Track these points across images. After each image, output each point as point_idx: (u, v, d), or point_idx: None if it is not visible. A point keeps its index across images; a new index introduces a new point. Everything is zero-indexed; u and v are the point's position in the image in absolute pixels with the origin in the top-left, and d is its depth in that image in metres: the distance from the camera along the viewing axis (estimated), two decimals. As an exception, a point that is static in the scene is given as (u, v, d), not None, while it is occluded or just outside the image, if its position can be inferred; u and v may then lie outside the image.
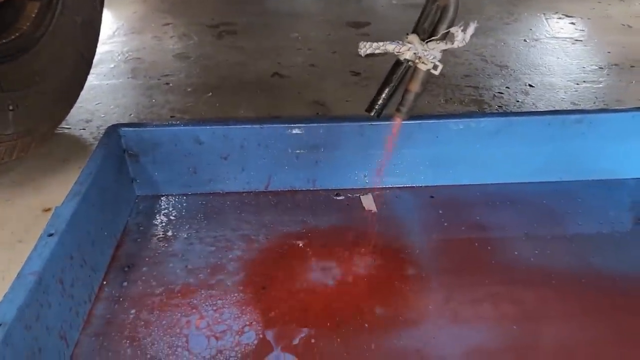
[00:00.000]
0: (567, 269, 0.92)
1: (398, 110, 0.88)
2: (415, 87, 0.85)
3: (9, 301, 0.67)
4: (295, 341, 0.79)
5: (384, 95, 0.88)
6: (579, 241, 0.98)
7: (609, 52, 1.95)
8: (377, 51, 0.83)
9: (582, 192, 1.10)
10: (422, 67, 0.84)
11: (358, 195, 1.09)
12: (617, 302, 0.86)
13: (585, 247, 0.96)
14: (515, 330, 0.81)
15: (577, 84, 1.72)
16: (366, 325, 0.81)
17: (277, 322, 0.82)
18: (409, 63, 0.85)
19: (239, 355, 0.77)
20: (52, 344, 0.72)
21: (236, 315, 0.83)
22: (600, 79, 1.75)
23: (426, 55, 0.82)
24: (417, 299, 0.86)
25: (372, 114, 0.89)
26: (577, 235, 1.00)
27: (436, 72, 0.83)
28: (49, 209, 1.13)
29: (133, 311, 0.84)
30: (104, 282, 0.89)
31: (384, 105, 0.88)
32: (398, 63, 0.86)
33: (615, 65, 1.85)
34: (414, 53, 0.82)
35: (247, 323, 0.81)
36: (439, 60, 0.82)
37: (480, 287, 0.88)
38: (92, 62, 1.48)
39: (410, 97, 0.86)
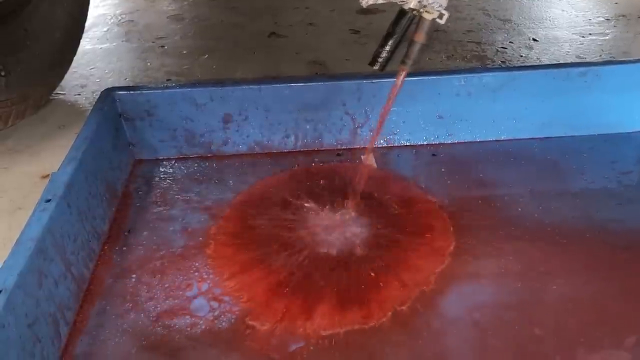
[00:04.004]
0: (572, 225, 0.91)
1: (403, 62, 0.84)
2: (420, 37, 0.81)
3: (9, 267, 0.67)
4: (295, 306, 0.78)
5: (387, 47, 0.83)
6: (583, 196, 0.97)
7: (616, 3, 1.90)
8: (380, 1, 0.79)
9: (587, 146, 1.08)
10: (427, 17, 0.80)
11: (360, 154, 1.07)
12: (622, 257, 0.85)
13: (590, 203, 0.95)
14: (519, 287, 0.80)
15: (583, 36, 1.67)
16: (369, 287, 0.81)
17: (279, 285, 0.81)
18: (414, 12, 0.81)
19: (241, 317, 0.77)
20: (54, 310, 0.72)
21: (238, 278, 0.82)
22: (607, 31, 1.70)
23: (431, 4, 0.78)
24: (420, 257, 0.85)
25: (376, 67, 0.85)
26: (581, 190, 0.98)
27: (442, 21, 0.80)
28: (47, 176, 1.12)
29: (134, 275, 0.84)
30: (105, 247, 0.89)
31: (388, 58, 0.84)
32: (402, 13, 0.82)
33: (622, 16, 1.80)
34: (419, 2, 0.79)
35: (249, 286, 0.81)
36: (444, 9, 0.79)
37: (485, 244, 0.87)
38: (84, 26, 1.45)
39: (416, 48, 0.82)
